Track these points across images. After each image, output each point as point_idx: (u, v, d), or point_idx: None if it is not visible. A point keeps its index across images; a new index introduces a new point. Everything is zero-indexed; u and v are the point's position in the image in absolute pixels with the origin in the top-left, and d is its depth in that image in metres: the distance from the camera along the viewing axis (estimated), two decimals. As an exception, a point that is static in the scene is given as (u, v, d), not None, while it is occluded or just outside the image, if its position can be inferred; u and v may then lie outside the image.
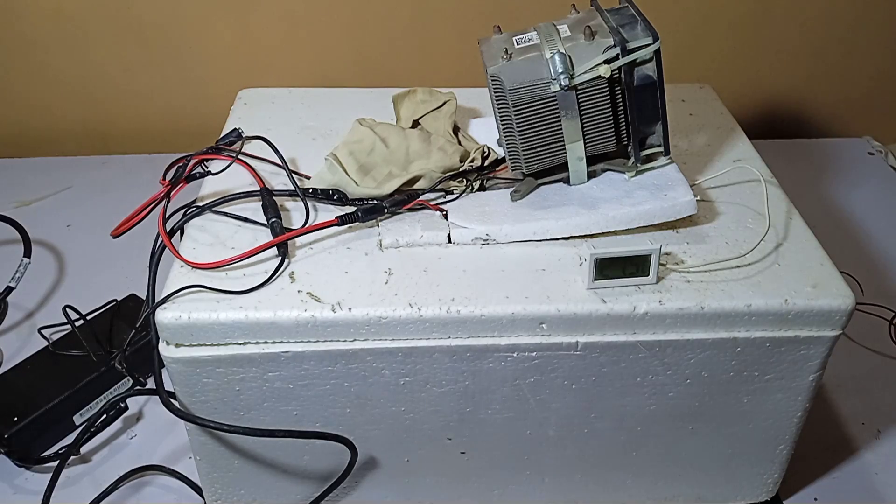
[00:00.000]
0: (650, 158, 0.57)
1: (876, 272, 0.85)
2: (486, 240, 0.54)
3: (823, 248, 0.54)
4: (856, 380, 0.74)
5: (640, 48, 0.51)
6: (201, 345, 0.49)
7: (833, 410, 0.71)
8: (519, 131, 0.53)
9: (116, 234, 0.53)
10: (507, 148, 0.55)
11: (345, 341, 0.49)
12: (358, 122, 0.60)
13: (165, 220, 0.53)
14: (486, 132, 0.62)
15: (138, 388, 0.66)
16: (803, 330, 0.51)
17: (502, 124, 0.54)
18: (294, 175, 0.57)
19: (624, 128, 0.54)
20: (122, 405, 0.62)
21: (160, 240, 0.52)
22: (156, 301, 0.49)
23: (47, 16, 0.97)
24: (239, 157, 0.59)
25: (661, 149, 0.56)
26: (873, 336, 0.77)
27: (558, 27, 0.53)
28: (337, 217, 0.53)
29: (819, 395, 0.65)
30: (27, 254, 0.76)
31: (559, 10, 0.55)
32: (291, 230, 0.53)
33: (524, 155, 0.54)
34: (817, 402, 0.57)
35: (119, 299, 0.74)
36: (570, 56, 0.51)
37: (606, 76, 0.51)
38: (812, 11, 1.01)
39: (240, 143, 0.61)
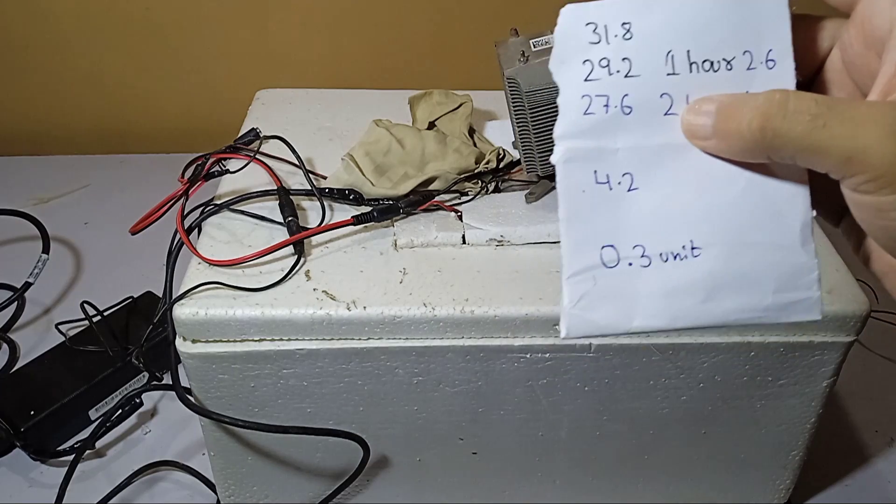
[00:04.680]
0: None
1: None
2: (501, 241, 0.54)
3: (839, 254, 0.54)
4: (870, 387, 0.73)
5: (657, 52, 0.51)
6: (217, 341, 0.49)
7: (846, 418, 0.71)
8: (535, 133, 0.53)
9: (135, 231, 0.53)
10: (523, 150, 0.55)
11: (359, 339, 0.49)
12: (374, 123, 0.60)
13: (184, 218, 0.53)
14: (501, 135, 0.62)
15: (154, 383, 0.66)
16: (817, 335, 0.51)
17: (518, 126, 0.54)
18: (311, 175, 0.58)
19: (639, 131, 0.55)
20: (138, 401, 0.63)
21: (178, 237, 0.53)
22: (173, 297, 0.49)
23: (66, 15, 0.98)
24: (256, 156, 0.59)
25: (677, 153, 0.56)
26: (887, 344, 0.76)
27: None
28: (353, 217, 0.53)
29: (832, 403, 0.65)
30: (45, 250, 0.76)
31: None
32: (307, 229, 0.53)
33: (539, 157, 0.54)
34: (830, 410, 0.57)
35: (135, 296, 0.75)
36: (586, 59, 0.51)
37: (623, 79, 0.51)
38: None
39: (257, 142, 0.61)
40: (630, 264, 0.32)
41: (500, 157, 0.58)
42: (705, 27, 0.30)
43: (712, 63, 0.30)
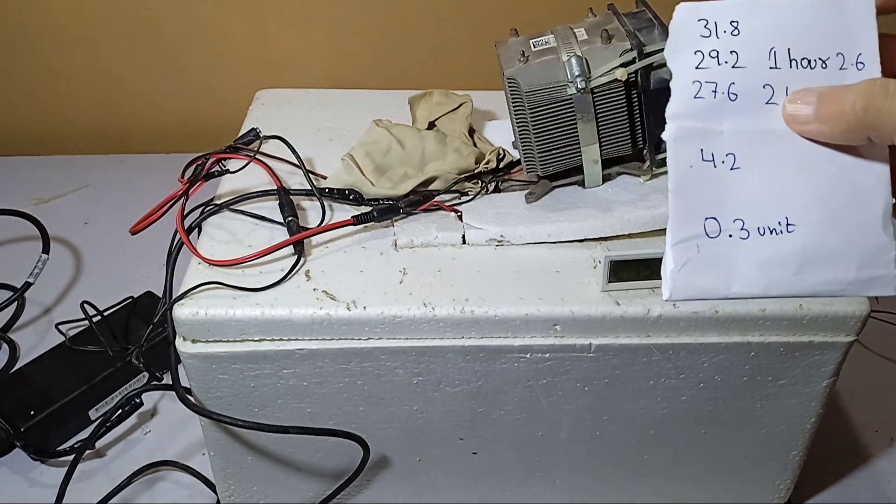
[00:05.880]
0: (665, 162, 0.57)
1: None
2: (501, 241, 0.54)
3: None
4: (870, 387, 0.73)
5: (657, 52, 0.51)
6: (217, 341, 0.49)
7: (846, 418, 0.71)
8: (535, 133, 0.53)
9: (135, 231, 0.53)
10: (523, 150, 0.55)
11: (359, 339, 0.49)
12: (374, 122, 0.60)
13: (184, 218, 0.53)
14: (501, 135, 0.62)
15: (154, 383, 0.66)
16: (818, 335, 0.51)
17: (518, 126, 0.54)
18: (311, 175, 0.58)
19: (640, 131, 0.55)
20: (138, 401, 0.63)
21: (178, 237, 0.53)
22: (173, 297, 0.49)
23: (66, 15, 0.98)
24: (256, 156, 0.59)
25: (677, 153, 0.56)
26: (888, 344, 0.76)
27: (575, 30, 0.53)
28: (353, 217, 0.53)
29: (832, 403, 0.65)
30: (45, 250, 0.76)
31: (576, 14, 0.56)
32: (307, 229, 0.53)
33: (539, 157, 0.54)
34: (830, 410, 0.57)
35: (135, 296, 0.75)
36: (586, 59, 0.51)
37: (623, 79, 0.51)
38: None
39: (257, 142, 0.62)
40: (730, 236, 0.35)
41: (500, 157, 0.58)
42: (804, 29, 0.34)
43: (810, 61, 0.34)
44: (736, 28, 0.34)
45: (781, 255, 0.35)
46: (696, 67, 0.34)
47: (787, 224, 0.35)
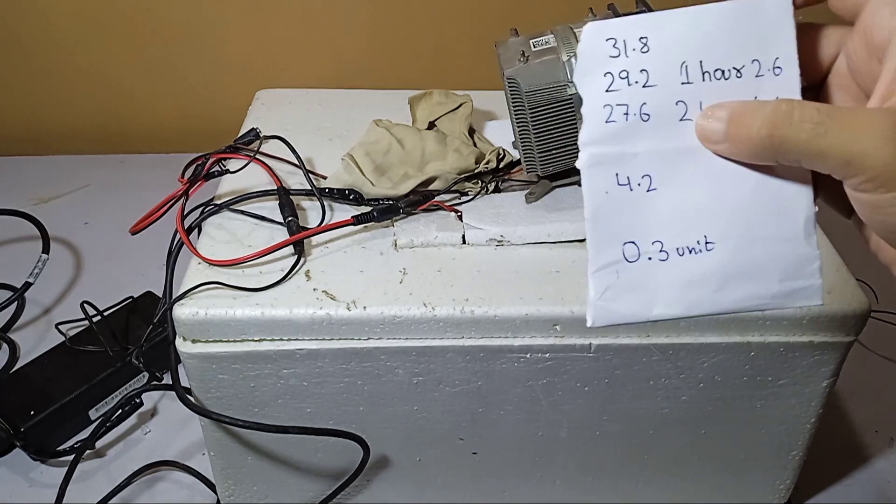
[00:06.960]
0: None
1: (891, 280, 0.84)
2: (501, 241, 0.54)
3: (839, 254, 0.54)
4: (870, 387, 0.73)
5: (657, 52, 0.51)
6: (217, 341, 0.49)
7: (846, 418, 0.71)
8: (535, 133, 0.53)
9: (135, 231, 0.53)
10: (523, 150, 0.55)
11: (359, 339, 0.49)
12: (374, 123, 0.60)
13: (184, 218, 0.53)
14: (501, 135, 0.62)
15: (154, 383, 0.66)
16: (817, 335, 0.51)
17: (518, 126, 0.54)
18: (311, 175, 0.58)
19: (639, 131, 0.55)
20: (138, 400, 0.63)
21: (178, 237, 0.53)
22: (173, 297, 0.49)
23: (66, 16, 0.98)
24: (256, 156, 0.59)
25: (677, 153, 0.56)
26: (888, 344, 0.76)
27: (575, 30, 0.53)
28: (353, 217, 0.53)
29: (832, 403, 0.65)
30: (45, 250, 0.76)
31: (576, 14, 0.56)
32: (307, 229, 0.53)
33: (539, 157, 0.54)
34: (830, 410, 0.57)
35: (135, 296, 0.75)
36: (586, 59, 0.51)
37: (623, 79, 0.51)
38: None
39: (257, 142, 0.62)
40: (650, 258, 0.34)
41: (500, 157, 0.58)
42: (716, 38, 0.33)
43: (723, 72, 0.33)
44: (645, 45, 0.33)
45: (701, 274, 0.34)
46: (607, 90, 0.33)
47: (706, 242, 0.34)
